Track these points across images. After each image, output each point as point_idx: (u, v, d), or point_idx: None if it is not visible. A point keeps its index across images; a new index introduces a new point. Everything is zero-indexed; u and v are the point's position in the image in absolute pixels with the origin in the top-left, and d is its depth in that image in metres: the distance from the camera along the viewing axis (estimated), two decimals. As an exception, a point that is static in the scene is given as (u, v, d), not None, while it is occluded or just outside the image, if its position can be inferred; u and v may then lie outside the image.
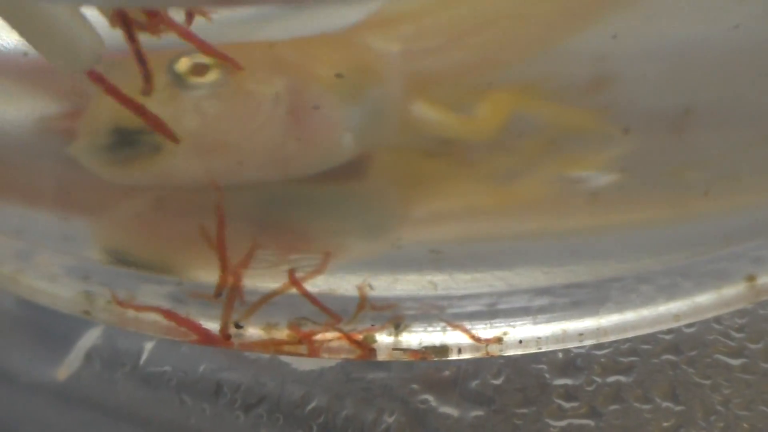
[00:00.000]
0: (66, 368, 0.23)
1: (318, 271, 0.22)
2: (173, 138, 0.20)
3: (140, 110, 0.20)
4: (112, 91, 0.20)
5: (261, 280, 0.22)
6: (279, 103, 0.21)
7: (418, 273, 0.22)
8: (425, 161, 0.21)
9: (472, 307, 0.22)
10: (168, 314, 0.22)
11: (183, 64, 0.20)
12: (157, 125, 0.20)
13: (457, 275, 0.22)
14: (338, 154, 0.21)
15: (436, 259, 0.22)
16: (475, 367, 0.22)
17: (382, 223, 0.22)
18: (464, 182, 0.21)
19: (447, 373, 0.22)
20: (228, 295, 0.22)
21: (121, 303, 0.22)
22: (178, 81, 0.20)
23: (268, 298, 0.22)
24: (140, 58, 0.19)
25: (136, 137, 0.20)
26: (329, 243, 0.22)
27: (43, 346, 0.23)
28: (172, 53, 0.20)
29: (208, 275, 0.22)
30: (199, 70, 0.20)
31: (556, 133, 0.21)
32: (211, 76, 0.20)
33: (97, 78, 0.20)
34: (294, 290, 0.22)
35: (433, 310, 0.22)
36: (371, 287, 0.22)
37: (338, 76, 0.20)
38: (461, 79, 0.21)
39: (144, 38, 0.19)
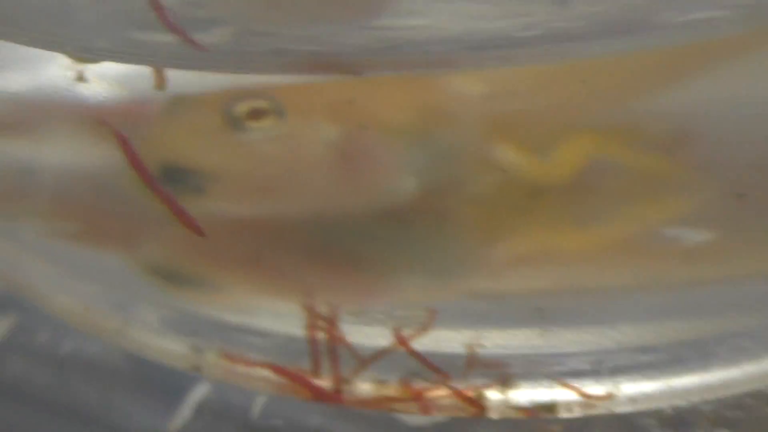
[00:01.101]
0: (175, 422, 0.23)
1: (424, 328, 0.22)
2: (199, 231, 0.20)
3: (152, 185, 0.20)
4: (133, 160, 0.20)
5: (365, 336, 0.23)
6: (331, 148, 0.21)
7: (524, 330, 0.22)
8: (504, 204, 0.21)
9: (579, 364, 0.22)
10: (278, 370, 0.23)
11: (241, 108, 0.20)
12: (179, 213, 0.20)
13: (563, 332, 0.22)
14: (395, 197, 0.21)
15: (540, 316, 0.22)
16: (583, 422, 0.22)
17: (452, 267, 0.22)
18: (545, 225, 0.21)
19: (555, 429, 0.22)
20: (332, 351, 0.22)
21: (231, 358, 0.23)
22: (235, 124, 0.21)
23: (378, 356, 0.22)
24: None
25: (181, 176, 0.21)
26: (396, 283, 0.22)
27: (152, 399, 0.23)
28: (229, 95, 0.20)
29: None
30: (256, 114, 0.20)
31: (637, 179, 0.21)
32: (267, 121, 0.20)
33: (121, 140, 0.20)
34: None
35: (540, 368, 0.22)
36: (480, 345, 0.22)
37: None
38: (543, 122, 0.21)
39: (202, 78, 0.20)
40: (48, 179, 0.22)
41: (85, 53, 0.20)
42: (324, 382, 0.22)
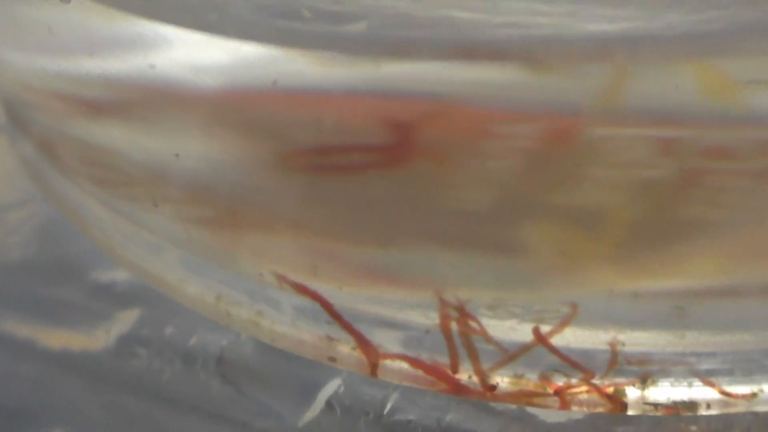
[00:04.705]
0: (305, 417, 0.23)
1: (564, 324, 0.22)
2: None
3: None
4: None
5: (501, 330, 0.22)
6: None
7: (664, 328, 0.22)
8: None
9: (719, 364, 0.22)
10: (415, 362, 0.22)
11: None
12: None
13: (703, 331, 0.22)
14: None
15: (680, 315, 0.21)
16: (724, 423, 0.22)
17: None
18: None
19: (694, 428, 0.22)
20: (470, 344, 0.22)
21: (365, 350, 0.23)
22: None
23: (523, 351, 0.22)
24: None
25: None
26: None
27: (281, 393, 0.23)
28: None
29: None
30: None
31: None
32: None
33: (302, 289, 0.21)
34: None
35: (680, 365, 0.22)
36: (622, 343, 0.22)
37: None
38: None
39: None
40: (186, 164, 0.22)
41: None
42: (461, 376, 0.22)
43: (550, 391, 0.22)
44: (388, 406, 0.22)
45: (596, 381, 0.22)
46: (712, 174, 0.20)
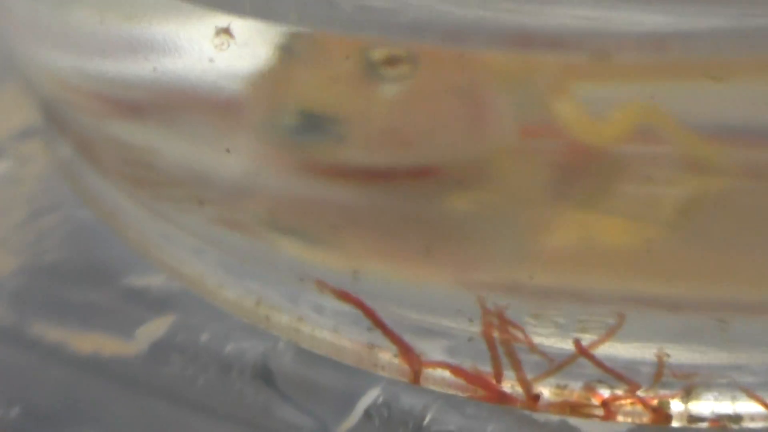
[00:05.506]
0: (342, 426, 0.22)
1: (608, 335, 0.21)
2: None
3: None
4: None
5: (545, 339, 0.22)
6: (460, 97, 0.20)
7: (707, 341, 0.22)
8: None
9: (765, 377, 0.22)
10: (458, 371, 0.22)
11: (378, 54, 0.20)
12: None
13: (747, 346, 0.22)
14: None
15: (723, 328, 0.21)
16: (767, 439, 0.22)
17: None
18: None
19: (737, 443, 0.22)
20: (512, 353, 0.22)
21: (407, 357, 0.22)
22: (370, 69, 0.20)
23: (568, 361, 0.21)
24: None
25: (321, 124, 0.20)
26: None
27: (319, 402, 0.23)
28: (363, 40, 0.20)
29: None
30: (392, 61, 0.20)
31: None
32: (402, 69, 0.20)
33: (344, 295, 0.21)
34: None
35: (724, 378, 0.22)
36: (668, 355, 0.21)
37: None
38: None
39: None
40: (232, 165, 0.22)
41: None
42: (504, 385, 0.22)
43: (595, 402, 0.21)
44: (428, 417, 0.22)
45: (641, 393, 0.22)
46: (752, 192, 0.20)
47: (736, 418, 0.22)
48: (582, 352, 0.21)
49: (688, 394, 0.22)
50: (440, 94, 0.20)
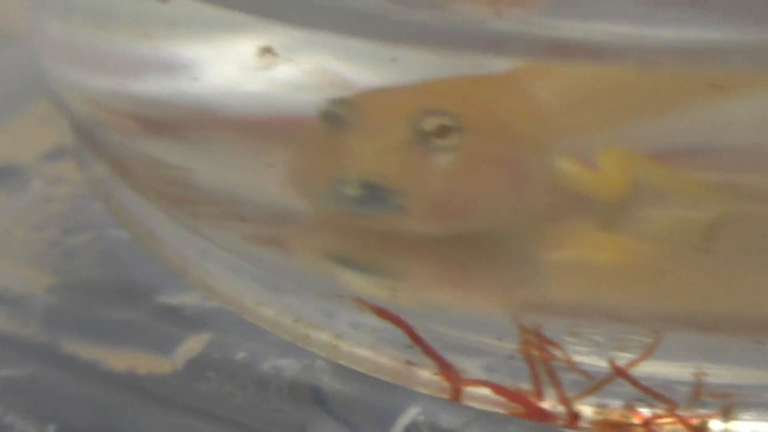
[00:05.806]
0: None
1: (644, 355, 0.21)
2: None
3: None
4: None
5: (583, 358, 0.22)
6: (501, 163, 0.21)
7: (744, 362, 0.22)
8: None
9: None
10: (498, 389, 0.22)
11: (430, 124, 0.20)
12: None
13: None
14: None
15: (759, 349, 0.21)
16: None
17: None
18: None
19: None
20: (552, 371, 0.22)
21: (447, 375, 0.22)
22: (423, 140, 0.20)
23: (608, 380, 0.21)
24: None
25: (383, 195, 0.20)
26: None
27: (356, 422, 0.23)
28: (410, 106, 0.20)
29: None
30: (443, 131, 0.20)
31: None
32: (453, 139, 0.20)
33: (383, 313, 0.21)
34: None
35: (761, 399, 0.22)
36: (705, 374, 0.21)
37: None
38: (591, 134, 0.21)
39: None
40: (270, 183, 0.22)
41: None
42: (545, 404, 0.22)
43: (636, 420, 0.21)
44: (467, 435, 0.22)
45: (680, 412, 0.22)
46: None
47: (776, 439, 0.22)
48: (618, 372, 0.22)
49: (726, 414, 0.22)
50: (489, 164, 0.21)
